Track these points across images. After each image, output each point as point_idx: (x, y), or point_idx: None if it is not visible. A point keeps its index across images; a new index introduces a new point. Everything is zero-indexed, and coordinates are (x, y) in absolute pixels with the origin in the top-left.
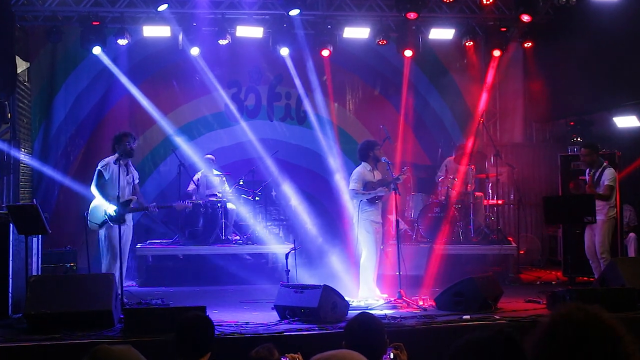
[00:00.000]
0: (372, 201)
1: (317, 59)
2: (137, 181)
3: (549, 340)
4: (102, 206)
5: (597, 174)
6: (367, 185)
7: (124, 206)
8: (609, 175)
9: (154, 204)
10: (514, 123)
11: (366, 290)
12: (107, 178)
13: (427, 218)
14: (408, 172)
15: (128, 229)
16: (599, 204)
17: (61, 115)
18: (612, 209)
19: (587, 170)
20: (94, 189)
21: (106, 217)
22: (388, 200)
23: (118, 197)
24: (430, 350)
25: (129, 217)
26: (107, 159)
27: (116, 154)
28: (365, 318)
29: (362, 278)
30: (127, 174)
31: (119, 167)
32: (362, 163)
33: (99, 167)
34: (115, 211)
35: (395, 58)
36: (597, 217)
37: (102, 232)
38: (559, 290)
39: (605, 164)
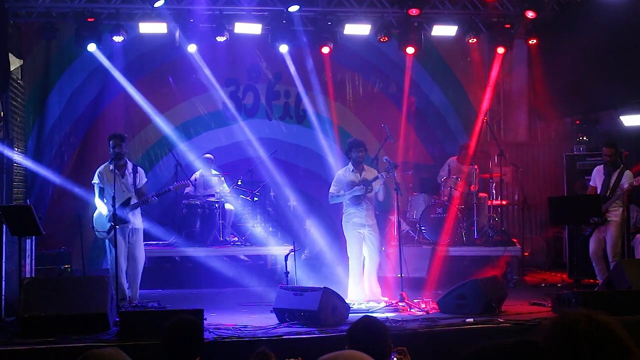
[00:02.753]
0: (355, 202)
1: (317, 57)
2: (140, 183)
3: (555, 345)
4: (102, 213)
5: (616, 175)
6: (348, 186)
7: (122, 206)
8: (629, 175)
9: (152, 193)
10: (518, 122)
11: (354, 292)
12: (102, 186)
13: (429, 219)
14: (397, 171)
15: (135, 231)
16: (612, 206)
17: (55, 114)
18: (623, 212)
19: (603, 170)
20: (95, 201)
21: (109, 222)
22: (390, 201)
23: (113, 198)
24: (432, 355)
25: (134, 218)
26: (98, 169)
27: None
28: (369, 321)
29: (350, 280)
30: (123, 177)
31: (112, 170)
32: (348, 164)
33: (92, 181)
34: (113, 213)
35: (397, 55)
36: (610, 219)
37: (116, 237)
38: (564, 293)
39: (622, 166)
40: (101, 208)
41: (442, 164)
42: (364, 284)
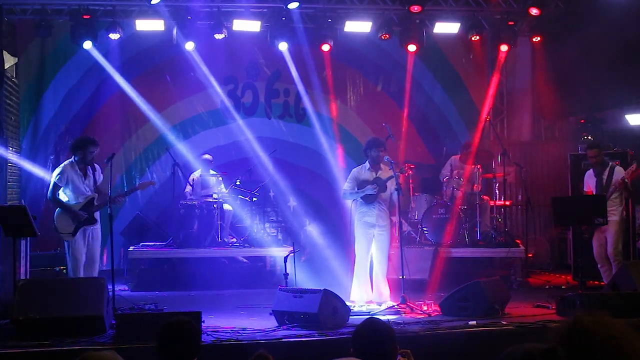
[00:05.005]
0: (367, 201)
1: (317, 54)
2: (99, 181)
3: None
4: (67, 212)
5: (607, 173)
6: (362, 184)
7: (87, 207)
8: (620, 170)
9: (119, 192)
10: (522, 120)
11: (357, 292)
12: (62, 186)
13: (431, 219)
14: (408, 170)
15: (95, 230)
16: (611, 205)
17: (51, 113)
18: (623, 211)
19: (592, 172)
20: (54, 200)
21: (74, 222)
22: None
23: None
24: (434, 357)
25: (96, 217)
26: (61, 167)
27: (73, 159)
28: (375, 324)
29: (354, 279)
30: (86, 178)
31: (76, 172)
32: (365, 162)
33: (54, 180)
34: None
35: (399, 53)
36: (609, 219)
37: (74, 239)
38: (568, 295)
39: (611, 163)
40: (64, 208)
41: (444, 163)
42: (368, 284)
